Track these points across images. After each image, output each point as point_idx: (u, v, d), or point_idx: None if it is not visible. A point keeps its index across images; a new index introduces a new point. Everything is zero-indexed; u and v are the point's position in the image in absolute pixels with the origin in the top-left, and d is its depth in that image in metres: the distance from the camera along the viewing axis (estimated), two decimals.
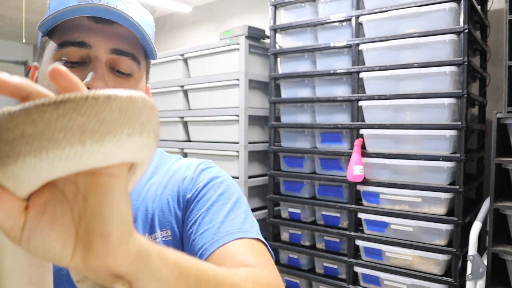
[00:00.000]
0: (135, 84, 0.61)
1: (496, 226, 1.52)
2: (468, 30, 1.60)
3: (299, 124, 2.11)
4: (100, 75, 0.55)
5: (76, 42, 0.56)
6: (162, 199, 0.64)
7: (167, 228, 0.62)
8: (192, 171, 0.66)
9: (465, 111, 1.61)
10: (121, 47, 0.58)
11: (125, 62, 0.59)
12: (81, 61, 0.57)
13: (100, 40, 0.56)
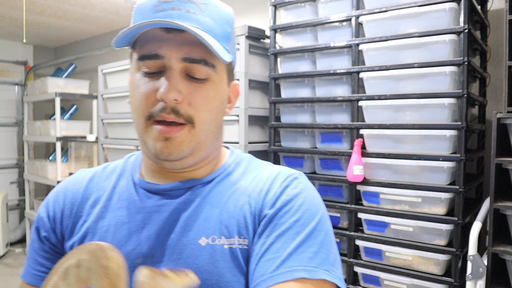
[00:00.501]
0: (214, 87, 0.62)
1: (496, 226, 1.52)
2: (468, 30, 1.60)
3: (299, 124, 2.11)
4: (173, 85, 0.58)
5: (151, 55, 0.59)
6: (244, 206, 0.63)
7: (245, 237, 0.61)
8: (277, 185, 0.64)
9: (465, 111, 1.61)
10: (191, 55, 0.59)
11: (198, 68, 0.60)
12: (158, 71, 0.60)
13: (171, 50, 0.59)
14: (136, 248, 0.61)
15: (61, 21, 3.85)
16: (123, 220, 0.64)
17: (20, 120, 4.59)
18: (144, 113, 0.61)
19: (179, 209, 0.63)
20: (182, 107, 0.59)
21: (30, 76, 4.52)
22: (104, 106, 3.32)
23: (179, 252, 0.60)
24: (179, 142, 0.60)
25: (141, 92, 0.61)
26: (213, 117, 0.63)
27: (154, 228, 0.62)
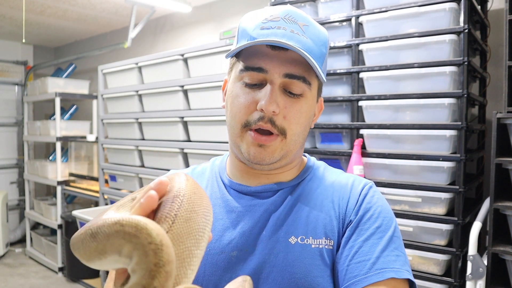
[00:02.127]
0: (306, 103, 0.69)
1: (496, 226, 1.52)
2: (468, 30, 1.60)
3: None
4: (273, 98, 0.64)
5: (255, 68, 0.66)
6: (329, 210, 0.70)
7: (331, 239, 0.67)
8: (357, 193, 0.71)
9: (465, 111, 1.61)
10: (293, 72, 0.65)
11: (296, 84, 0.66)
12: (259, 83, 0.67)
13: (275, 65, 0.65)
14: (231, 242, 0.68)
15: (61, 21, 3.85)
16: (217, 216, 0.71)
17: (20, 120, 4.59)
18: (242, 120, 0.67)
19: (270, 210, 0.70)
20: (278, 119, 0.66)
21: (30, 76, 4.52)
22: (104, 106, 3.32)
23: (271, 248, 0.66)
24: (272, 150, 0.67)
25: (241, 101, 0.67)
26: (302, 129, 0.70)
27: (247, 226, 0.69)
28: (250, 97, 0.67)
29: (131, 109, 2.99)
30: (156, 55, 2.76)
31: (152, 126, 2.85)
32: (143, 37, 3.83)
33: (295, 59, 0.66)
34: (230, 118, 0.70)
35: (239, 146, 0.69)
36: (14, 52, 4.63)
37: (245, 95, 0.67)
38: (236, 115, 0.68)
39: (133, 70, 2.95)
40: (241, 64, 0.68)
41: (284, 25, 0.66)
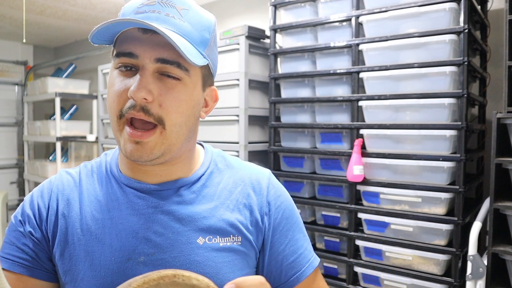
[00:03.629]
0: (185, 90, 0.63)
1: (496, 226, 1.52)
2: (468, 30, 1.60)
3: (299, 124, 2.11)
4: (142, 84, 0.59)
5: (126, 53, 0.61)
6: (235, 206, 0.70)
7: (238, 235, 0.68)
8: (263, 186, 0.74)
9: (465, 111, 1.61)
10: (165, 56, 0.61)
11: (171, 70, 0.62)
12: (133, 67, 0.62)
13: (146, 50, 0.60)
14: (138, 247, 0.63)
15: (61, 21, 3.85)
16: (118, 220, 0.66)
17: (20, 120, 4.59)
18: (116, 111, 0.62)
19: (173, 210, 0.66)
20: (153, 107, 0.60)
21: (30, 76, 4.52)
22: (104, 106, 3.32)
23: (179, 250, 0.64)
24: (151, 147, 0.62)
25: (114, 90, 0.62)
26: (184, 119, 0.64)
27: (152, 228, 0.65)
28: (122, 85, 0.62)
29: None
30: None
31: None
32: None
33: (168, 43, 0.60)
34: (108, 111, 0.65)
35: (118, 141, 0.64)
36: (14, 52, 4.63)
37: (118, 83, 0.62)
38: (111, 105, 0.63)
39: None
40: (116, 50, 0.64)
41: (159, 8, 0.61)
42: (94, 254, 0.64)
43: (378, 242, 1.81)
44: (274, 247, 0.71)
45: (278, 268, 0.71)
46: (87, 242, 0.65)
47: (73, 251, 0.64)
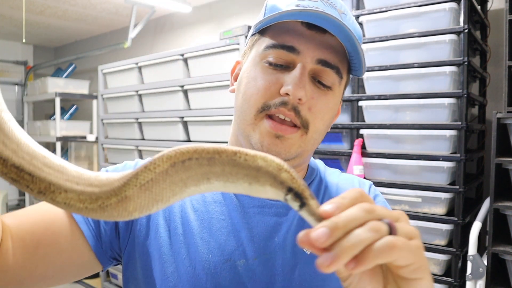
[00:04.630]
0: (333, 99, 0.59)
1: (496, 226, 1.52)
2: (468, 30, 1.60)
3: None
4: (302, 83, 0.54)
5: (286, 46, 0.55)
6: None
7: None
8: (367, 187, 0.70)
9: (465, 111, 1.61)
10: (328, 58, 0.56)
11: (328, 74, 0.57)
12: (285, 65, 0.56)
13: (310, 47, 0.55)
14: (238, 248, 0.57)
15: (61, 21, 3.85)
16: (219, 216, 0.59)
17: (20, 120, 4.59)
18: (258, 103, 0.56)
19: (281, 213, 0.60)
20: (303, 109, 0.55)
21: (30, 76, 4.53)
22: (104, 106, 3.32)
23: (285, 258, 0.57)
24: (290, 144, 0.56)
25: (261, 81, 0.56)
26: (324, 128, 0.61)
27: (257, 229, 0.59)
28: (273, 78, 0.56)
29: (131, 109, 2.99)
30: (156, 55, 2.76)
31: (152, 126, 2.85)
32: (143, 37, 3.83)
33: (332, 45, 0.56)
34: (242, 101, 0.58)
35: (249, 136, 0.57)
36: (14, 52, 4.63)
37: (266, 76, 0.56)
38: (252, 97, 0.56)
39: (133, 70, 2.95)
40: (269, 40, 0.57)
41: (322, 7, 0.55)
42: (190, 248, 0.57)
43: None
44: None
45: None
46: (184, 233, 0.58)
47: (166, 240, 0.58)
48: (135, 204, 0.32)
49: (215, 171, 0.33)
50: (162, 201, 0.33)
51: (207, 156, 0.32)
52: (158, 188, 0.32)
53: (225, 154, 0.32)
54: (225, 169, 0.33)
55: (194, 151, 0.32)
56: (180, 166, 0.32)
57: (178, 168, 0.32)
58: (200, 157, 0.32)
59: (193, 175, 0.33)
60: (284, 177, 0.33)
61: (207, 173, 0.33)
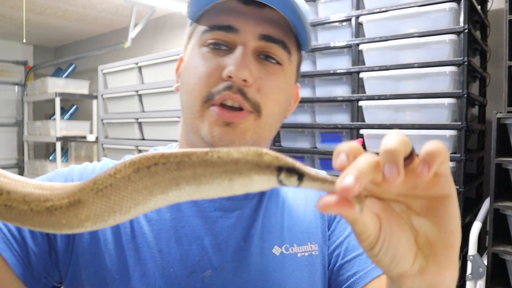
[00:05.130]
0: (285, 78, 0.54)
1: (496, 226, 1.52)
2: (468, 30, 1.60)
3: (299, 124, 2.11)
4: (245, 63, 0.50)
5: (223, 26, 0.51)
6: (305, 209, 0.60)
7: (315, 242, 0.58)
8: None
9: (465, 111, 1.61)
10: (271, 33, 0.52)
11: (275, 50, 0.52)
12: (226, 46, 0.52)
13: (249, 24, 0.51)
14: (203, 258, 0.51)
15: (61, 21, 3.85)
16: (178, 224, 0.53)
17: (20, 120, 4.59)
18: (202, 93, 0.51)
19: (245, 215, 0.56)
20: (250, 91, 0.50)
21: (30, 76, 4.52)
22: (104, 106, 3.32)
23: (254, 263, 0.53)
24: (243, 130, 0.51)
25: (201, 69, 0.52)
26: (279, 111, 0.55)
27: (221, 235, 0.53)
28: (214, 63, 0.51)
29: (131, 109, 2.99)
30: (156, 55, 2.76)
31: (152, 126, 2.85)
32: (143, 37, 3.83)
33: (274, 19, 0.52)
34: (186, 95, 0.54)
35: (199, 129, 0.52)
36: (14, 52, 4.63)
37: (206, 62, 0.52)
38: (195, 87, 0.52)
39: (133, 70, 2.95)
40: (205, 24, 0.53)
41: None
42: (147, 263, 0.50)
43: None
44: (332, 238, 0.59)
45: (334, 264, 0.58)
46: (137, 247, 0.51)
47: (118, 257, 0.51)
48: (88, 212, 0.28)
49: (185, 175, 0.29)
50: (121, 212, 0.29)
51: (175, 160, 0.29)
52: (118, 195, 0.28)
53: (195, 156, 0.29)
54: (196, 171, 0.29)
55: (161, 156, 0.29)
56: (145, 172, 0.29)
57: (143, 174, 0.29)
58: (168, 161, 0.29)
59: (159, 181, 0.29)
60: (268, 160, 0.29)
61: (176, 178, 0.29)
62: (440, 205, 0.31)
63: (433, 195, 0.31)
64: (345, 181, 0.26)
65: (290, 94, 0.57)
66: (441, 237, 0.31)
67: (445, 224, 0.31)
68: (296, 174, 0.29)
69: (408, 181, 0.30)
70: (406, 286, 0.32)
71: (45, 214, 0.28)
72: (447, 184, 0.31)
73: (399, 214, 0.32)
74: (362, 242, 0.31)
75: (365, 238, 0.30)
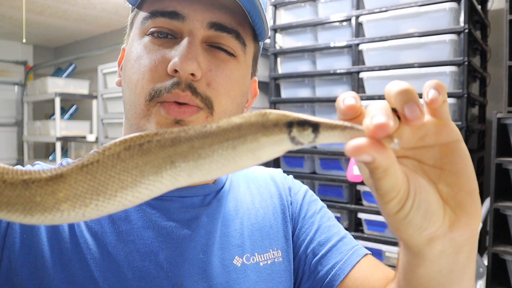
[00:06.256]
0: (239, 70, 0.49)
1: (496, 226, 1.52)
2: (469, 30, 1.60)
3: None
4: (192, 54, 0.44)
5: (167, 12, 0.45)
6: (267, 213, 0.56)
7: (278, 248, 0.54)
8: (288, 181, 0.61)
9: (465, 111, 1.61)
10: (222, 21, 0.46)
11: (227, 40, 0.47)
12: (172, 36, 0.46)
13: (197, 10, 0.45)
14: (159, 275, 0.46)
15: (61, 21, 3.85)
16: (127, 237, 0.47)
17: (20, 120, 4.59)
18: (146, 89, 0.45)
19: (203, 223, 0.50)
20: (200, 85, 0.45)
21: (30, 76, 4.52)
22: (104, 106, 3.32)
23: (214, 277, 0.48)
24: None
25: (144, 61, 0.46)
26: (234, 107, 0.49)
27: (178, 248, 0.47)
28: (158, 56, 0.45)
29: None
30: None
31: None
32: None
33: (225, 5, 0.46)
34: (129, 91, 0.47)
35: (144, 130, 0.46)
36: (14, 52, 4.63)
37: (150, 55, 0.46)
38: (138, 83, 0.46)
39: None
40: (146, 11, 0.47)
41: None
42: (97, 282, 0.44)
43: (378, 242, 1.81)
44: (301, 236, 0.55)
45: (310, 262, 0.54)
46: (85, 265, 0.44)
47: (46, 280, 0.43)
48: (69, 190, 0.25)
49: (181, 151, 0.25)
50: (105, 195, 0.25)
51: (170, 136, 0.26)
52: (104, 174, 0.25)
53: (193, 129, 0.26)
54: (194, 145, 0.25)
55: (155, 133, 0.26)
56: (136, 150, 0.25)
57: (134, 152, 0.25)
58: (162, 138, 0.25)
59: (152, 159, 0.25)
60: (274, 118, 0.26)
61: (171, 155, 0.25)
62: (454, 150, 0.30)
63: (444, 141, 0.30)
64: (377, 119, 0.24)
65: (246, 89, 0.52)
66: (463, 183, 0.30)
67: (463, 168, 0.30)
68: (310, 126, 0.26)
69: (417, 130, 0.29)
70: (434, 252, 0.30)
71: (19, 187, 0.24)
72: (454, 128, 0.30)
73: (414, 170, 0.30)
74: (391, 200, 0.27)
75: (395, 195, 0.27)
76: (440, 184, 0.30)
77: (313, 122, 0.26)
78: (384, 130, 0.24)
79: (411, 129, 0.29)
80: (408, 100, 0.27)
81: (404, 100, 0.27)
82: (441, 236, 0.30)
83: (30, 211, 0.25)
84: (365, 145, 0.24)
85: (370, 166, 0.25)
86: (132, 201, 0.26)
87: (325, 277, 0.52)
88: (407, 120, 0.26)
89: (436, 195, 0.30)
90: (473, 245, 0.31)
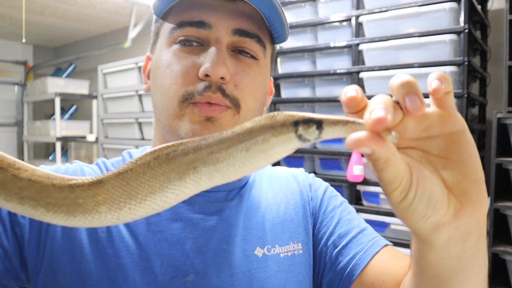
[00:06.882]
0: (260, 72, 0.53)
1: (496, 226, 1.52)
2: (469, 30, 1.60)
3: None
4: (222, 60, 0.48)
5: (194, 22, 0.49)
6: (288, 208, 0.59)
7: (298, 241, 0.57)
8: (309, 179, 0.64)
9: (465, 111, 1.61)
10: (245, 27, 0.50)
11: (250, 45, 0.51)
12: (199, 43, 0.50)
13: (222, 19, 0.49)
14: (185, 262, 0.49)
15: (61, 21, 3.85)
16: (155, 228, 0.51)
17: (20, 120, 4.59)
18: (179, 93, 0.49)
19: (226, 216, 0.54)
20: (228, 87, 0.49)
21: (30, 76, 4.52)
22: (104, 106, 3.32)
23: (236, 266, 0.51)
24: (222, 124, 0.49)
25: (176, 68, 0.50)
26: (257, 107, 0.53)
27: (202, 238, 0.51)
28: (188, 62, 0.49)
29: (131, 109, 2.99)
30: None
31: (152, 126, 2.85)
32: (143, 37, 3.83)
33: (246, 12, 0.50)
34: (161, 96, 0.51)
35: (178, 130, 0.50)
36: (14, 52, 4.63)
37: (181, 61, 0.50)
38: (171, 87, 0.50)
39: (133, 70, 2.95)
40: (173, 21, 0.51)
41: None
42: (127, 269, 0.48)
43: None
44: (322, 230, 0.58)
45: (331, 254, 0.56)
46: (117, 252, 0.49)
47: (96, 262, 0.48)
48: (107, 194, 0.29)
49: (202, 157, 0.29)
50: (136, 200, 0.29)
51: (193, 145, 0.29)
52: (136, 181, 0.29)
53: (211, 137, 0.30)
54: (212, 150, 0.29)
55: (180, 143, 0.30)
56: (164, 159, 0.29)
57: (162, 161, 0.29)
58: (186, 147, 0.29)
59: (177, 166, 0.29)
60: (281, 118, 0.28)
61: (193, 161, 0.29)
62: (459, 140, 0.30)
63: (449, 131, 0.30)
64: (375, 114, 0.25)
65: (267, 88, 0.56)
66: (468, 172, 0.30)
67: (468, 158, 0.30)
68: (314, 123, 0.28)
69: (421, 121, 0.30)
70: (441, 239, 0.31)
71: (66, 190, 0.29)
72: (459, 118, 0.31)
73: (419, 160, 0.31)
74: (395, 190, 0.28)
75: (397, 185, 0.28)
76: (445, 173, 0.31)
77: (316, 119, 0.28)
78: (382, 123, 0.25)
79: (415, 120, 0.30)
80: (409, 91, 0.28)
81: (405, 92, 0.28)
82: (447, 224, 0.30)
83: (73, 212, 0.29)
84: (364, 138, 0.25)
85: (371, 158, 0.27)
86: (161, 205, 0.30)
87: (345, 267, 0.54)
88: (408, 111, 0.28)
89: (440, 184, 0.30)
90: (480, 232, 0.32)
